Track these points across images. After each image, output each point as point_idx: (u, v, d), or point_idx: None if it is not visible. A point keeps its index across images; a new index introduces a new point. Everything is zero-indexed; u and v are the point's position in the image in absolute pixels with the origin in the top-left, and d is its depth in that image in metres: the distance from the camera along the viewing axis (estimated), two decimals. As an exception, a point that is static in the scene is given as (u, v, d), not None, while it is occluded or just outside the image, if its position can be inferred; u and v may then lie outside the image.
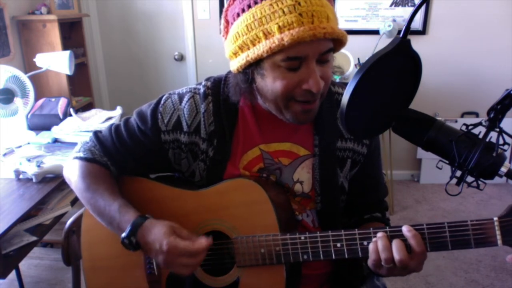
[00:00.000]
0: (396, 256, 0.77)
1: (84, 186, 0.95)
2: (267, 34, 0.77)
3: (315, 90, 0.80)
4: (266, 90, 0.84)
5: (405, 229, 0.79)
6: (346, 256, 0.84)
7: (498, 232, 0.74)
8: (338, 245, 0.84)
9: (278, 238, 0.87)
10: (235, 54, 0.84)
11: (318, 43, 0.77)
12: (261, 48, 0.78)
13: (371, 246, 0.80)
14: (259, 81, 0.85)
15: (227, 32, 0.87)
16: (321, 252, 0.85)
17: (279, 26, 0.75)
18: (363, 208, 1.04)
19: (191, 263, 0.83)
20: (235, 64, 0.85)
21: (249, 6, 0.79)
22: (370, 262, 0.81)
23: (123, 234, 0.85)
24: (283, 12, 0.75)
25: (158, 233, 0.83)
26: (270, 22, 0.76)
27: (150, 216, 0.88)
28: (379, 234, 0.80)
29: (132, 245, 0.85)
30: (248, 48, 0.80)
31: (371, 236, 0.82)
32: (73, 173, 0.98)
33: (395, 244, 0.78)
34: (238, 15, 0.81)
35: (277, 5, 0.75)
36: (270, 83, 0.82)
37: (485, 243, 0.76)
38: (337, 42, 0.82)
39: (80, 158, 0.98)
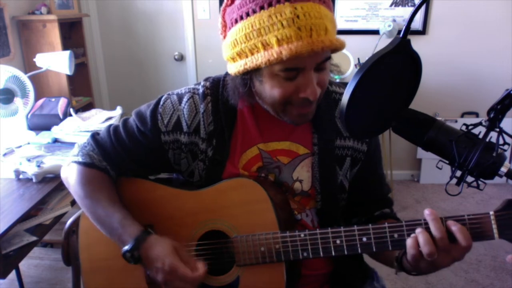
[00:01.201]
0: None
1: (83, 193, 0.95)
2: (265, 46, 0.77)
3: (312, 99, 0.81)
4: (264, 95, 0.85)
5: (450, 223, 0.76)
6: (346, 252, 0.84)
7: (494, 226, 0.75)
8: (338, 241, 0.84)
9: (277, 236, 0.88)
10: (233, 59, 0.84)
11: (316, 55, 0.78)
12: (259, 58, 0.78)
13: (409, 242, 0.78)
14: (257, 85, 0.86)
15: (225, 31, 0.87)
16: (320, 249, 0.85)
17: (277, 39, 0.75)
18: (369, 205, 1.04)
19: None
20: (233, 68, 0.85)
21: (248, 14, 0.78)
22: (409, 257, 0.79)
23: (126, 248, 0.86)
24: (282, 25, 0.75)
25: (161, 251, 0.85)
26: (268, 34, 0.76)
27: (152, 230, 0.90)
28: (418, 230, 0.77)
29: (134, 259, 0.86)
30: (246, 56, 0.81)
31: (370, 232, 0.82)
32: (71, 178, 0.98)
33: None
34: (236, 21, 0.81)
35: (276, 17, 0.75)
36: (268, 89, 0.83)
37: (482, 237, 0.76)
38: (335, 49, 0.82)
39: (79, 163, 0.98)
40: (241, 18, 0.80)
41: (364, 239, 0.82)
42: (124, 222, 0.90)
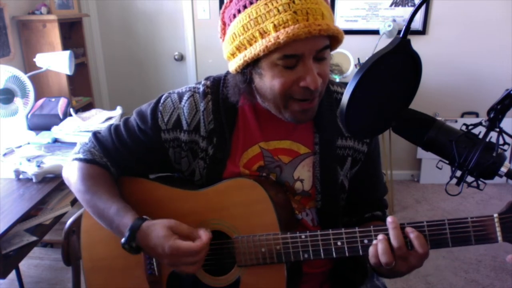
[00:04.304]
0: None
1: (84, 188, 0.95)
2: (263, 33, 0.78)
3: (313, 87, 0.80)
4: (265, 89, 0.85)
5: (408, 231, 0.79)
6: (347, 254, 0.84)
7: (498, 229, 0.74)
8: (339, 243, 0.84)
9: (278, 237, 0.87)
10: (233, 55, 0.85)
11: (314, 40, 0.78)
12: (258, 47, 0.78)
13: (371, 250, 0.80)
14: (257, 80, 0.85)
15: (224, 34, 0.87)
16: (321, 251, 0.85)
17: (274, 25, 0.76)
18: (363, 206, 1.04)
19: (195, 260, 0.83)
20: (233, 64, 0.85)
21: (245, 7, 0.80)
22: (371, 264, 0.81)
23: (123, 240, 0.85)
24: (278, 10, 0.76)
25: (157, 237, 0.82)
26: (265, 21, 0.77)
27: (148, 217, 0.87)
28: (380, 237, 0.80)
29: (133, 250, 0.84)
30: (245, 48, 0.81)
31: (371, 234, 0.82)
32: (72, 174, 0.98)
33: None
34: (234, 16, 0.82)
35: (272, 4, 0.77)
36: (268, 82, 0.83)
37: (485, 240, 0.76)
38: (334, 39, 0.82)
39: (80, 160, 0.98)
40: (239, 11, 0.81)
41: (366, 241, 0.82)
42: (120, 212, 0.88)
